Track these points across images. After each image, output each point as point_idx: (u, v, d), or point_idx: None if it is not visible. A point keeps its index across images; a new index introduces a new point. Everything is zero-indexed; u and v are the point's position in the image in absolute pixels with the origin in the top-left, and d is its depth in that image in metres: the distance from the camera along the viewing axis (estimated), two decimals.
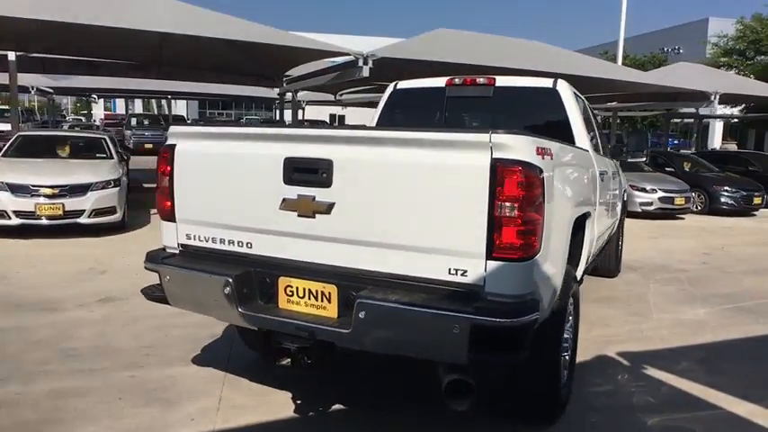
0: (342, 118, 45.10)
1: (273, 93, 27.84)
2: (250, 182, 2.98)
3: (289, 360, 2.82)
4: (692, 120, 21.08)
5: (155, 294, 3.28)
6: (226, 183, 3.06)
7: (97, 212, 8.58)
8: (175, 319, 5.00)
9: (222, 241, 3.11)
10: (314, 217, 2.78)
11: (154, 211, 10.77)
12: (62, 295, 5.69)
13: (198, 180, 3.14)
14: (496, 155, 2.43)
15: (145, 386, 3.76)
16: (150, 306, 5.01)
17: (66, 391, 3.65)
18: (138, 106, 49.77)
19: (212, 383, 3.83)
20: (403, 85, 5.20)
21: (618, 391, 3.90)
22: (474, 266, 2.51)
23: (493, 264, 2.47)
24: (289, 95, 15.76)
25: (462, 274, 2.54)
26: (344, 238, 2.75)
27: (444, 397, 2.61)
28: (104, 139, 10.73)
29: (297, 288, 2.89)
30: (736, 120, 22.76)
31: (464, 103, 5.01)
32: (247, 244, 3.03)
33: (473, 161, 2.46)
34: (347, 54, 10.04)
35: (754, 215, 13.95)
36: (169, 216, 3.26)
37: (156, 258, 3.25)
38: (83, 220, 8.44)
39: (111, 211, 8.79)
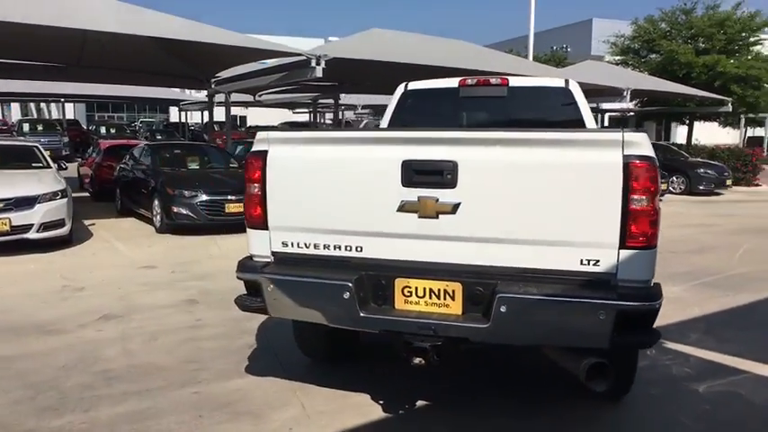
0: (243, 118, 44.08)
1: (173, 94, 26.77)
2: (361, 186, 2.99)
3: (421, 359, 2.86)
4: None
5: (251, 305, 3.17)
6: (330, 187, 3.04)
7: (46, 226, 7.92)
8: (195, 332, 4.86)
9: (327, 247, 3.09)
10: (437, 218, 2.86)
11: (89, 221, 10.19)
12: (53, 316, 5.26)
13: (296, 186, 3.09)
14: (627, 151, 2.65)
15: (216, 401, 3.62)
16: (158, 321, 4.89)
17: (137, 415, 3.44)
18: (15, 111, 45.32)
19: (283, 392, 3.76)
20: (414, 85, 5.31)
21: (655, 365, 4.28)
22: (606, 256, 2.71)
23: (625, 252, 2.69)
24: (219, 97, 15.21)
25: (594, 264, 2.73)
26: (471, 237, 2.85)
27: (584, 379, 2.79)
28: (36, 147, 9.87)
29: (416, 288, 2.95)
30: (632, 113, 24.97)
31: (478, 102, 5.22)
32: (357, 248, 3.04)
33: (606, 158, 2.66)
34: (299, 55, 9.94)
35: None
36: (260, 224, 3.17)
37: (253, 268, 3.15)
38: (31, 235, 7.76)
39: (60, 224, 8.14)
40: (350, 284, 2.90)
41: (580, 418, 3.53)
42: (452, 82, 5.22)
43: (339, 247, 3.06)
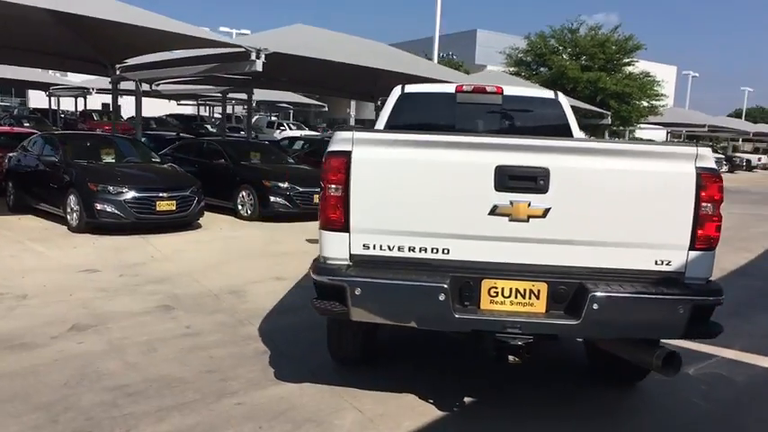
0: (119, 107, 41.07)
1: (37, 75, 24.13)
2: (451, 189, 3.03)
3: (515, 357, 2.99)
4: None
5: (333, 309, 3.08)
6: (418, 190, 3.05)
7: None
8: (194, 340, 4.64)
9: (412, 249, 3.09)
10: (528, 221, 2.99)
11: None
12: (10, 329, 4.66)
13: (382, 188, 3.06)
14: (699, 164, 2.97)
15: (267, 411, 3.46)
16: (142, 330, 4.79)
17: (190, 430, 3.20)
18: None
19: (329, 397, 3.68)
20: (410, 89, 5.39)
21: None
22: (677, 257, 3.02)
23: (693, 254, 3.01)
24: (126, 85, 14.07)
25: (667, 264, 3.03)
26: (558, 239, 3.02)
27: (659, 368, 3.05)
28: None
29: (502, 289, 3.06)
30: None
31: (474, 109, 5.41)
32: (444, 250, 3.08)
33: (681, 169, 2.96)
34: (238, 47, 9.55)
35: None
36: (339, 226, 3.10)
37: (337, 272, 3.06)
38: None
39: None
40: (445, 286, 2.94)
41: (607, 405, 3.85)
42: (449, 87, 5.38)
43: (425, 250, 3.09)
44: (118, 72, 13.09)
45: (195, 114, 33.98)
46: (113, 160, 10.31)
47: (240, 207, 11.11)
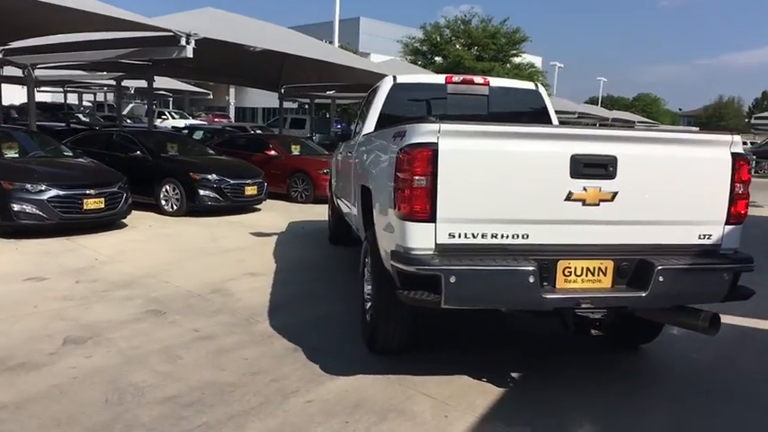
0: None
1: None
2: (530, 177, 3.21)
3: (597, 329, 3.25)
4: None
5: (424, 299, 3.13)
6: (500, 179, 3.19)
7: None
8: (215, 344, 4.48)
9: (495, 236, 3.23)
10: (598, 205, 3.26)
11: None
12: None
13: (466, 178, 3.16)
14: (733, 150, 3.41)
15: (341, 404, 3.44)
16: (148, 338, 4.42)
17: None
18: None
19: (393, 386, 3.71)
20: (402, 79, 5.48)
21: None
22: (716, 231, 3.45)
23: (728, 228, 3.46)
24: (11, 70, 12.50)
25: (707, 238, 3.45)
26: (623, 220, 3.32)
27: (704, 329, 3.44)
28: None
29: (575, 268, 3.30)
30: None
31: (463, 99, 5.62)
32: (523, 235, 3.25)
33: (720, 154, 3.39)
34: (167, 30, 8.93)
35: None
36: (425, 217, 3.16)
37: (426, 262, 3.11)
38: None
39: None
40: (534, 269, 3.13)
41: (619, 365, 4.27)
42: (439, 78, 5.55)
43: (506, 236, 3.24)
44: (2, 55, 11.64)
45: (61, 102, 30.88)
46: (17, 155, 9.22)
47: (164, 202, 10.52)
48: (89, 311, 5.01)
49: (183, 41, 8.83)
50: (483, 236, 3.23)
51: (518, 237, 3.25)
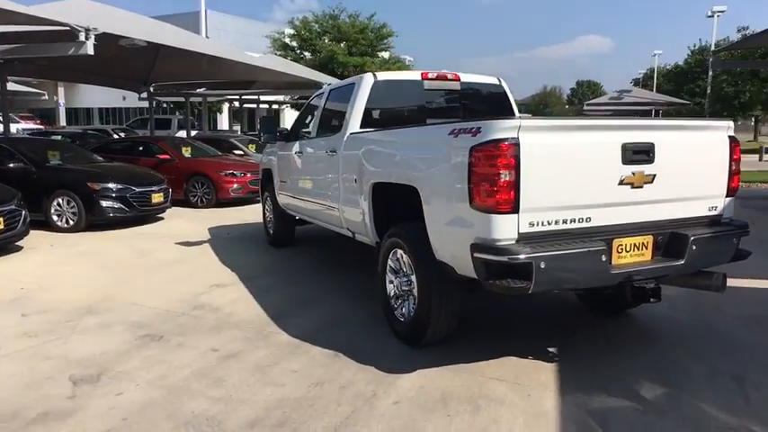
0: None
1: None
2: (592, 165, 3.49)
3: (655, 298, 3.65)
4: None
5: (514, 286, 3.27)
6: (569, 169, 3.42)
7: None
8: (247, 360, 4.26)
9: (565, 221, 3.46)
10: (642, 187, 3.65)
11: None
12: None
13: (543, 169, 3.33)
14: (729, 133, 4.00)
15: (428, 400, 3.47)
16: (169, 365, 4.03)
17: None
18: None
19: (461, 375, 3.81)
20: (383, 76, 5.52)
21: None
22: (720, 203, 4.02)
23: (727, 200, 4.05)
24: None
25: (714, 209, 4.01)
26: (659, 199, 3.73)
27: (719, 287, 3.98)
28: None
29: (626, 245, 3.66)
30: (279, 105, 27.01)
31: (438, 94, 5.80)
32: (587, 219, 3.53)
33: (722, 138, 3.96)
34: (64, 25, 7.93)
35: None
36: (510, 209, 3.30)
37: (515, 251, 3.25)
38: None
39: None
40: (605, 248, 3.43)
41: (614, 327, 4.79)
42: (415, 75, 5.67)
43: (573, 220, 3.49)
44: None
45: None
46: None
47: (56, 218, 9.42)
48: (71, 346, 4.42)
49: (81, 36, 7.91)
50: (555, 222, 3.45)
51: (582, 221, 3.53)
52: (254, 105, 27.81)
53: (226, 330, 4.72)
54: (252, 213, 11.14)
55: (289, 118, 31.81)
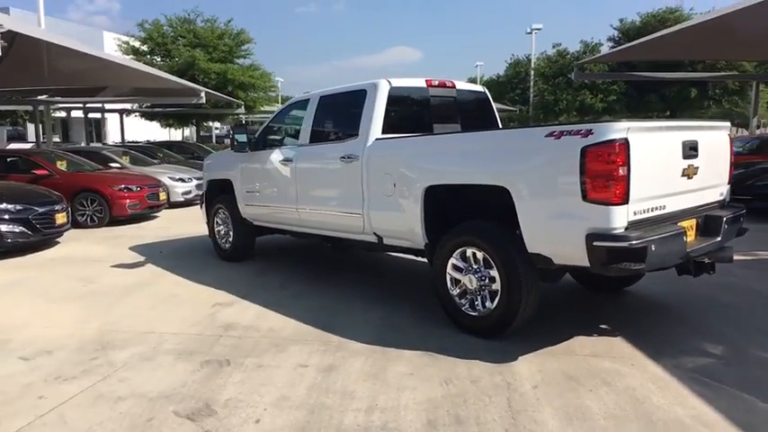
0: None
1: None
2: (666, 160, 4.07)
3: (711, 271, 4.33)
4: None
5: (632, 267, 3.69)
6: (654, 164, 3.94)
7: None
8: (345, 375, 4.17)
9: (652, 210, 3.98)
10: (692, 178, 4.34)
11: None
12: None
13: (641, 165, 3.81)
14: (727, 132, 4.90)
15: (563, 379, 3.76)
16: (261, 389, 3.74)
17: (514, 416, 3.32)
18: None
19: (574, 357, 4.15)
20: (396, 83, 5.63)
21: None
22: (725, 190, 4.89)
23: (727, 187, 4.95)
24: None
25: (722, 195, 4.87)
26: (699, 188, 4.44)
27: (730, 259, 4.78)
28: None
29: (685, 228, 4.30)
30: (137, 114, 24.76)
31: (439, 100, 6.05)
32: (662, 207, 4.08)
33: (725, 136, 4.83)
34: None
35: None
36: (624, 200, 3.72)
37: (631, 237, 3.66)
38: None
39: None
40: (685, 231, 4.04)
41: (612, 303, 5.53)
42: (420, 81, 5.89)
43: (656, 209, 4.03)
44: None
45: None
46: None
47: None
48: (133, 382, 3.90)
49: None
50: (645, 211, 3.95)
51: (660, 208, 4.09)
52: (66, 113, 25.27)
53: (290, 346, 4.50)
54: (158, 229, 10.40)
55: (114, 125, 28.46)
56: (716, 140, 4.68)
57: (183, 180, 14.02)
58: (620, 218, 3.75)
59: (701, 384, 3.70)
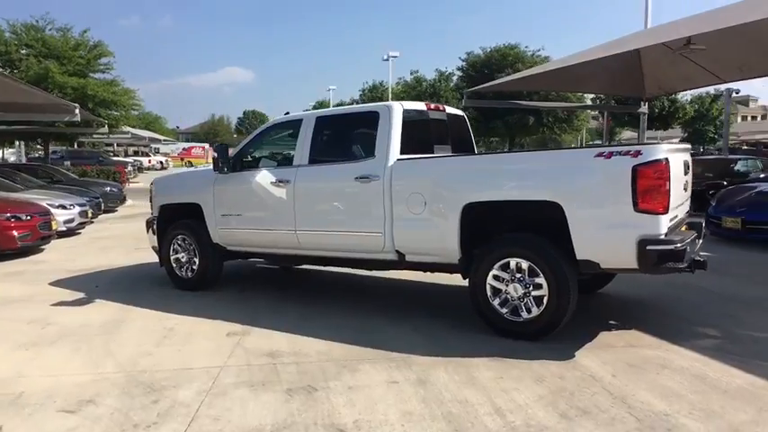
0: None
1: None
2: (679, 176, 4.86)
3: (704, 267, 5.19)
4: None
5: (678, 267, 4.38)
6: (675, 179, 4.69)
7: None
8: (439, 389, 4.35)
9: (673, 218, 4.72)
10: (686, 190, 5.22)
11: None
12: None
13: (672, 180, 4.55)
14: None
15: (627, 365, 4.29)
16: (382, 408, 3.65)
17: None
18: None
19: (627, 351, 4.70)
20: (406, 105, 5.91)
21: None
22: (688, 201, 5.92)
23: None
24: None
25: (688, 206, 5.88)
26: (687, 199, 5.35)
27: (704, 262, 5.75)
28: None
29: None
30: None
31: (435, 122, 6.42)
32: (676, 216, 4.86)
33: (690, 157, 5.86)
34: None
35: None
36: (666, 210, 4.40)
37: (675, 241, 4.36)
38: None
39: None
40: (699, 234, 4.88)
41: (590, 300, 6.35)
42: (422, 105, 6.24)
43: (674, 217, 4.78)
44: None
45: None
46: None
47: None
48: (232, 421, 3.65)
49: None
50: (672, 219, 4.70)
51: (675, 217, 4.88)
52: None
53: (358, 366, 4.49)
54: (63, 262, 9.40)
55: None
56: (689, 160, 5.65)
57: (64, 207, 12.58)
58: (664, 225, 4.43)
59: (729, 359, 4.48)
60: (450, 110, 6.71)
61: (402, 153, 5.63)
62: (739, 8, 8.84)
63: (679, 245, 4.40)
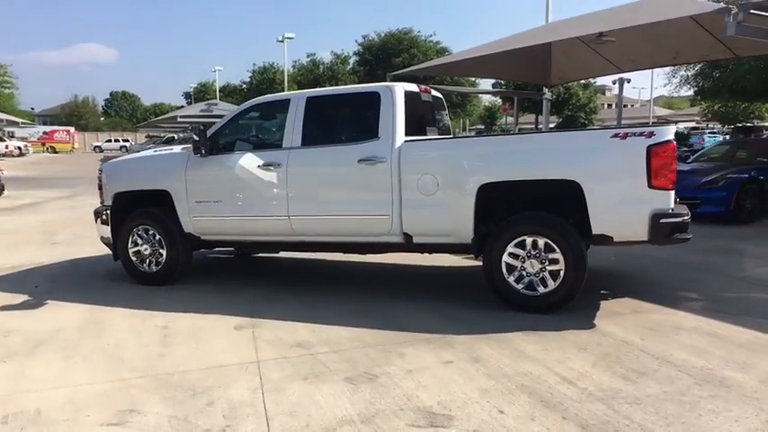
0: None
1: None
2: None
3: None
4: None
5: (685, 237, 4.79)
6: None
7: None
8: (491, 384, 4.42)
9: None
10: None
11: None
12: None
13: None
14: None
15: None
16: (454, 387, 3.64)
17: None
18: None
19: (662, 318, 5.04)
20: (408, 87, 5.85)
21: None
22: None
23: None
24: None
25: None
26: None
27: None
28: None
29: None
30: None
31: (425, 104, 6.41)
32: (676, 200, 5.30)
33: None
34: None
35: None
36: (673, 186, 4.77)
37: (685, 213, 4.77)
38: None
39: None
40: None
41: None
42: (415, 87, 6.20)
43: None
44: None
45: None
46: None
47: None
48: (310, 415, 3.46)
49: None
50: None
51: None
52: None
53: (401, 349, 4.43)
54: None
55: None
56: None
57: None
58: (672, 200, 4.83)
59: (723, 317, 4.99)
60: (434, 92, 6.73)
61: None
62: (641, 7, 9.75)
63: (686, 217, 4.82)
